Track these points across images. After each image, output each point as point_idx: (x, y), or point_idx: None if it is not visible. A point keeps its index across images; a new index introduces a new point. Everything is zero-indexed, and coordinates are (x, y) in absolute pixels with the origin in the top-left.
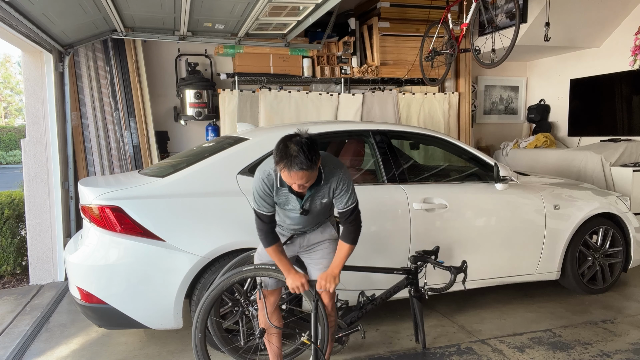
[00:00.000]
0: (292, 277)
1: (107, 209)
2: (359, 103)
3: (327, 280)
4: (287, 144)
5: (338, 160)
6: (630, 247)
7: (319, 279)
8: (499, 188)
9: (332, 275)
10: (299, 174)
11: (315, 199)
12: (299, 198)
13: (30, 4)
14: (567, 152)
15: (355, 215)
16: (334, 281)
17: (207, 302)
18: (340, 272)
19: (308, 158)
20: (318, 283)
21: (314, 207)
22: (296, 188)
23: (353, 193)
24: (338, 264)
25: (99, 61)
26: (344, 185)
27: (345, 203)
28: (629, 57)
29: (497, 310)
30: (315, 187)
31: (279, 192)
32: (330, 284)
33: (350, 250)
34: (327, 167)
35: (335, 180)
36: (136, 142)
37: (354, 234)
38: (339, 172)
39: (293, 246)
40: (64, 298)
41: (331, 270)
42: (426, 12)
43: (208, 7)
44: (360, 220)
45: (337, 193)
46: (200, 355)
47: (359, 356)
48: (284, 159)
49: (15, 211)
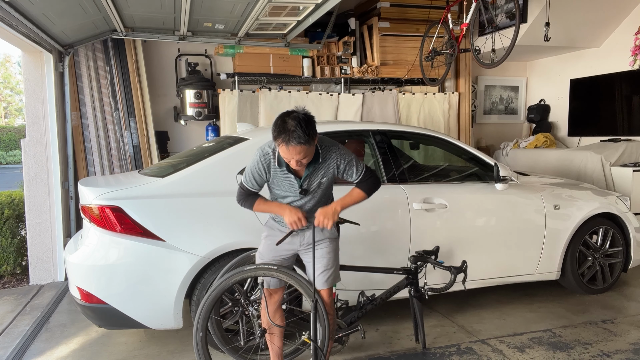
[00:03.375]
0: (288, 213)
1: (107, 209)
2: (359, 103)
3: (326, 216)
4: (285, 119)
5: (333, 140)
6: (630, 247)
7: (318, 214)
8: (499, 188)
9: (331, 211)
10: (297, 149)
11: (314, 177)
12: (297, 178)
13: (30, 4)
14: (567, 152)
15: (372, 175)
16: (333, 217)
17: (208, 301)
18: (340, 210)
19: (306, 132)
20: (316, 219)
21: (313, 187)
22: (294, 165)
23: (359, 162)
24: (341, 202)
25: (99, 61)
26: (347, 158)
27: (357, 173)
28: (628, 57)
29: (497, 310)
30: (313, 165)
31: (276, 173)
32: (329, 220)
33: (360, 196)
34: (324, 145)
35: (335, 157)
36: (136, 142)
37: (372, 186)
38: (336, 149)
39: (293, 244)
40: (64, 298)
41: (332, 206)
42: (426, 12)
43: (208, 7)
44: (379, 180)
45: (343, 168)
46: (201, 355)
47: (359, 356)
48: (282, 133)
49: (15, 211)
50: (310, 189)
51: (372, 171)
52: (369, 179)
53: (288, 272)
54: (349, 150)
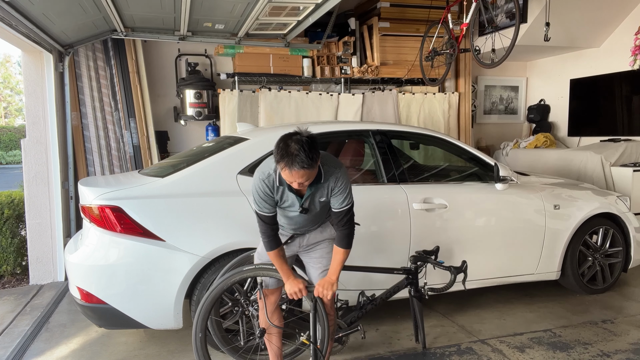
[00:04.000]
0: (290, 283)
1: (107, 209)
2: (359, 103)
3: (325, 288)
4: (288, 142)
5: (337, 160)
6: (630, 247)
7: (317, 285)
8: (499, 188)
9: (329, 283)
10: (300, 173)
11: (314, 197)
12: (298, 197)
13: (30, 4)
14: (567, 152)
15: (350, 217)
16: (332, 288)
17: (207, 301)
18: (338, 278)
19: (309, 157)
20: (316, 290)
21: (313, 206)
22: (296, 186)
23: (350, 194)
24: (335, 270)
25: (99, 61)
26: (341, 184)
27: (341, 203)
28: (628, 57)
29: (497, 310)
30: (315, 185)
31: (278, 191)
32: (328, 291)
33: (345, 254)
34: (326, 165)
35: (333, 179)
36: (136, 142)
37: (348, 237)
38: (337, 171)
39: (293, 246)
40: (64, 298)
41: (329, 278)
42: (426, 12)
43: (208, 7)
44: (354, 224)
45: (334, 192)
46: (201, 355)
47: (359, 356)
48: (284, 157)
49: (15, 211)
50: (310, 208)
51: (352, 213)
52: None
53: None
54: (349, 150)
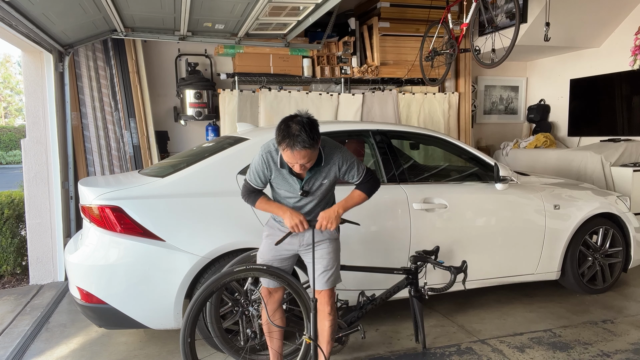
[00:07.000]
0: (289, 216)
1: (107, 209)
2: (359, 103)
3: (328, 220)
4: (289, 123)
5: (336, 142)
6: (630, 247)
7: (320, 217)
8: (499, 188)
9: (333, 215)
10: (302, 153)
11: (315, 179)
12: (299, 179)
13: (30, 4)
14: (567, 152)
15: (373, 176)
16: (335, 221)
17: (196, 305)
18: (342, 213)
19: (310, 137)
20: (318, 222)
21: (314, 189)
22: (297, 169)
23: (360, 163)
24: (343, 204)
25: (99, 61)
26: (349, 161)
27: (358, 174)
28: (628, 57)
29: (497, 310)
30: (315, 168)
31: (278, 174)
32: (332, 224)
33: (361, 198)
34: (326, 147)
35: (337, 159)
36: (136, 142)
37: (373, 186)
38: (338, 151)
39: (292, 245)
40: (64, 298)
41: (334, 209)
42: (426, 12)
43: (208, 7)
44: (379, 180)
45: (345, 170)
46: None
47: (359, 356)
48: (286, 138)
49: (15, 211)
50: (311, 190)
51: (372, 172)
52: (369, 180)
53: (278, 272)
54: (349, 150)
